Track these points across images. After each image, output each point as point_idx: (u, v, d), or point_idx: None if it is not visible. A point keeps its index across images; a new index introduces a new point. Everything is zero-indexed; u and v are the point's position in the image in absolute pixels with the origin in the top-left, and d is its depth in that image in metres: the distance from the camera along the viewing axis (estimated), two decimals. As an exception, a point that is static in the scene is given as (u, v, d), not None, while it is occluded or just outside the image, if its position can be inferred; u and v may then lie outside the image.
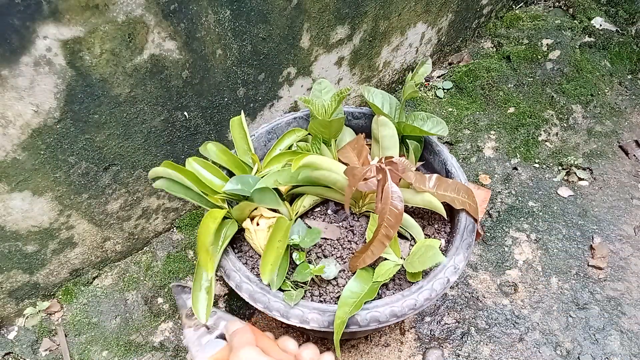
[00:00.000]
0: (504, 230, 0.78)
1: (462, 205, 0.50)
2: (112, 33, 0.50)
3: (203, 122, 0.67)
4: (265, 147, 0.61)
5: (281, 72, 0.71)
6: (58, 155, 0.54)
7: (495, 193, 0.83)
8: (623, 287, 0.71)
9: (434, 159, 0.59)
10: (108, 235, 0.68)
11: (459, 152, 0.88)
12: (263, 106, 0.73)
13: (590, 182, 0.85)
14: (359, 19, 0.75)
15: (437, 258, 0.46)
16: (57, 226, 0.61)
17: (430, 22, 0.91)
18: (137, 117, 0.59)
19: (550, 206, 0.81)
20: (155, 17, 0.52)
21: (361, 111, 0.63)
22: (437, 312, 0.68)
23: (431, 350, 0.64)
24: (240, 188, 0.50)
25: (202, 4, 0.55)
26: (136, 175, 0.65)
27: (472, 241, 0.50)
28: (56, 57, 0.47)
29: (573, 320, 0.67)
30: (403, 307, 0.44)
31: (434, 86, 0.99)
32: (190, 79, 0.60)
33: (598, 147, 0.90)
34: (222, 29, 0.59)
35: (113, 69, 0.52)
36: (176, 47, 0.56)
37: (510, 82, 0.98)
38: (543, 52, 1.01)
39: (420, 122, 0.56)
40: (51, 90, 0.49)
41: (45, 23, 0.44)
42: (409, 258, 0.49)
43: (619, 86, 1.01)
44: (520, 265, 0.73)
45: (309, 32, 0.69)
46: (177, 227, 0.77)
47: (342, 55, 0.78)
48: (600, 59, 1.02)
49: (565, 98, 0.95)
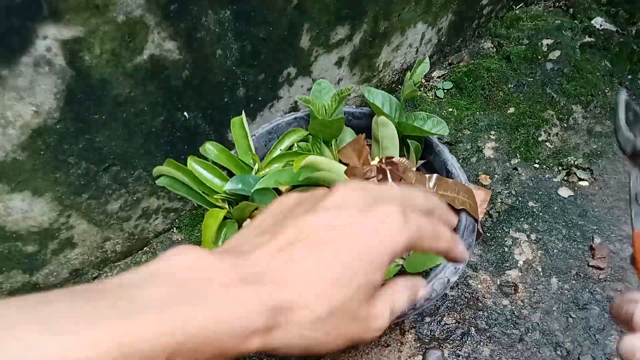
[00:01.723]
0: (504, 230, 0.78)
1: (462, 205, 0.50)
2: (112, 33, 0.50)
3: (203, 123, 0.67)
4: (265, 147, 0.61)
5: (281, 72, 0.71)
6: (58, 155, 0.54)
7: (495, 193, 0.83)
8: (623, 287, 0.71)
9: (435, 159, 0.59)
10: (108, 235, 0.68)
11: (459, 152, 0.88)
12: (263, 106, 0.73)
13: (590, 183, 0.85)
14: (359, 19, 0.75)
15: (437, 258, 0.46)
16: (57, 226, 0.61)
17: (430, 22, 0.91)
18: (137, 118, 0.59)
19: (550, 206, 0.81)
20: (156, 18, 0.52)
21: (361, 111, 0.63)
22: (437, 312, 0.68)
23: (431, 351, 0.64)
24: (241, 187, 0.50)
25: (202, 4, 0.55)
26: (136, 175, 0.65)
27: (472, 241, 0.50)
28: (56, 57, 0.47)
29: (573, 320, 0.67)
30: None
31: (434, 86, 0.99)
32: (190, 79, 0.60)
33: (598, 148, 0.90)
34: (222, 29, 0.59)
35: (113, 69, 0.52)
36: (176, 48, 0.56)
37: (511, 82, 0.98)
38: (543, 52, 1.01)
39: (421, 122, 0.56)
40: (51, 90, 0.49)
41: (45, 23, 0.44)
42: (409, 259, 0.49)
43: (619, 86, 1.01)
44: (521, 265, 0.73)
45: (309, 33, 0.69)
46: (177, 227, 0.77)
47: (342, 56, 0.78)
48: (600, 59, 1.02)
49: (565, 98, 0.95)
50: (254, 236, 0.26)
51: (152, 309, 0.19)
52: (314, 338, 0.23)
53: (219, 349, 0.20)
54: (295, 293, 0.23)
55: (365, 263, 0.24)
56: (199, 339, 0.19)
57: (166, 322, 0.19)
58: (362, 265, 0.24)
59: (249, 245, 0.24)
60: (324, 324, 0.23)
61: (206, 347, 0.20)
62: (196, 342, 0.19)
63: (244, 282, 0.22)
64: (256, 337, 0.21)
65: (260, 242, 0.24)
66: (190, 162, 0.52)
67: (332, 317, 0.24)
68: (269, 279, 0.22)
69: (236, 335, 0.21)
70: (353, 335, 0.25)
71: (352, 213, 0.25)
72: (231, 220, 0.52)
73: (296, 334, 0.23)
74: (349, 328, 0.25)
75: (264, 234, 0.25)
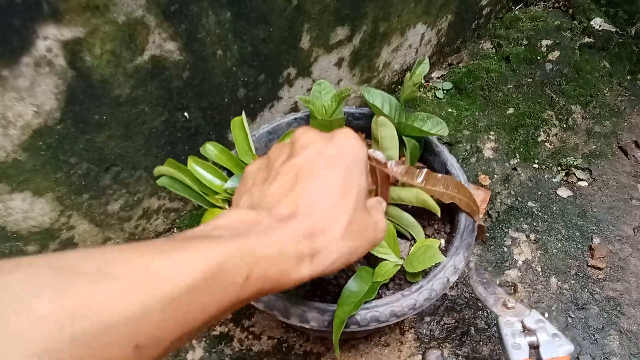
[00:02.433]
0: (503, 230, 0.78)
1: (452, 199, 0.50)
2: (113, 34, 0.50)
3: (203, 123, 0.67)
4: (266, 148, 0.61)
5: (281, 72, 0.71)
6: (59, 155, 0.55)
7: (495, 193, 0.83)
8: (622, 287, 0.71)
9: (434, 160, 0.59)
10: (109, 235, 0.68)
11: (458, 152, 0.89)
12: (263, 107, 0.74)
13: (589, 183, 0.85)
14: (358, 20, 0.75)
15: (437, 258, 0.46)
16: (58, 227, 0.61)
17: (429, 23, 0.91)
18: (137, 118, 0.59)
19: (549, 206, 0.81)
20: (156, 18, 0.52)
21: (361, 111, 0.63)
22: (436, 312, 0.68)
23: (431, 350, 0.64)
24: (240, 188, 0.50)
25: (202, 5, 0.55)
26: (137, 175, 0.65)
27: (472, 241, 0.50)
28: (57, 57, 0.47)
29: (572, 320, 0.67)
30: (403, 307, 0.44)
31: (433, 87, 0.99)
32: (190, 79, 0.61)
33: (597, 148, 0.90)
34: (223, 30, 0.59)
35: (114, 69, 0.52)
36: (177, 48, 0.56)
37: (510, 82, 0.98)
38: (542, 53, 1.01)
39: (420, 123, 0.56)
40: (52, 91, 0.49)
41: (45, 24, 0.45)
42: (408, 258, 0.49)
43: (618, 87, 1.01)
44: (520, 265, 0.73)
45: (309, 33, 0.70)
46: (177, 227, 0.77)
47: (342, 56, 0.79)
48: (599, 60, 1.02)
49: (564, 99, 0.96)
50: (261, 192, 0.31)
51: (229, 239, 0.24)
52: (347, 247, 0.29)
53: (281, 272, 0.26)
54: (321, 217, 0.28)
55: (353, 173, 0.31)
56: (267, 260, 0.25)
57: (242, 246, 0.24)
58: (353, 175, 0.31)
59: (266, 197, 0.30)
60: (350, 231, 0.29)
61: (273, 270, 0.25)
62: (265, 264, 0.24)
63: (281, 221, 0.27)
64: (306, 262, 0.27)
65: (272, 192, 0.30)
66: (190, 162, 0.53)
67: (352, 225, 0.29)
68: (297, 214, 0.28)
69: (291, 258, 0.26)
70: (369, 237, 0.31)
71: (323, 144, 0.31)
72: (231, 220, 0.52)
73: (333, 249, 0.28)
74: (366, 232, 0.31)
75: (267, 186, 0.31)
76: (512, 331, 0.49)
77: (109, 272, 0.19)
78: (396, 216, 0.53)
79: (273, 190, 0.30)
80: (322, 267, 0.28)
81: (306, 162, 0.30)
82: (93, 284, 0.18)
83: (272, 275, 0.25)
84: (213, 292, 0.22)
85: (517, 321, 0.50)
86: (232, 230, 0.25)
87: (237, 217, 0.27)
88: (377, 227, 0.32)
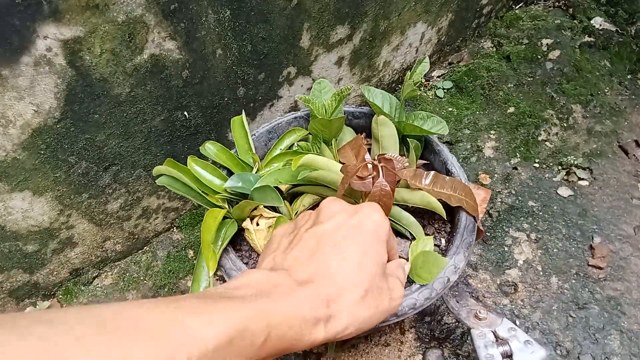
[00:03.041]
0: (503, 230, 0.78)
1: (459, 202, 0.50)
2: (112, 33, 0.50)
3: (203, 122, 0.67)
4: (265, 147, 0.61)
5: (281, 71, 0.71)
6: (58, 155, 0.54)
7: (495, 193, 0.83)
8: (623, 286, 0.71)
9: (435, 159, 0.59)
10: (108, 234, 0.68)
11: (459, 151, 0.88)
12: (263, 106, 0.74)
13: (590, 182, 0.85)
14: (359, 19, 0.75)
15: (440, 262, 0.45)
16: (57, 226, 0.61)
17: (430, 22, 0.91)
18: (137, 117, 0.59)
19: (550, 206, 0.81)
20: (156, 17, 0.52)
21: (361, 111, 0.63)
22: (437, 311, 0.68)
23: (431, 350, 0.64)
24: (241, 185, 0.50)
25: (202, 4, 0.55)
26: (136, 174, 0.65)
27: (472, 241, 0.50)
28: (56, 57, 0.47)
29: (573, 320, 0.67)
30: (403, 306, 0.44)
31: (434, 86, 0.99)
32: (190, 78, 0.60)
33: (598, 147, 0.90)
34: (222, 29, 0.59)
35: (113, 68, 0.52)
36: (176, 47, 0.56)
37: (510, 81, 0.98)
38: (543, 52, 1.01)
39: (421, 122, 0.56)
40: (51, 90, 0.49)
41: (45, 23, 0.44)
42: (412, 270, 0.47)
43: (618, 86, 1.01)
44: (520, 264, 0.73)
45: (309, 32, 0.69)
46: (177, 226, 0.77)
47: (342, 55, 0.78)
48: (600, 59, 1.02)
49: (565, 98, 0.95)
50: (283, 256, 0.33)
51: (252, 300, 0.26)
52: (361, 315, 0.30)
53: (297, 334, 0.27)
54: (338, 284, 0.30)
55: (372, 246, 0.32)
56: (287, 322, 0.26)
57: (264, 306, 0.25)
58: (371, 247, 0.32)
59: (287, 261, 0.32)
60: (365, 300, 0.30)
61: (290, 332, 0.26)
62: (284, 327, 0.26)
63: (300, 285, 0.29)
64: (321, 326, 0.28)
65: (294, 257, 0.32)
66: (190, 161, 0.53)
67: (368, 294, 0.31)
68: (315, 279, 0.30)
69: (308, 321, 0.27)
70: (384, 307, 0.32)
71: (345, 216, 0.34)
72: (231, 219, 0.52)
73: (348, 315, 0.29)
74: (381, 301, 0.32)
75: (290, 250, 0.33)
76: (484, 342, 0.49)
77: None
78: (396, 215, 0.53)
79: (295, 254, 0.32)
80: (334, 332, 0.29)
81: (328, 231, 0.32)
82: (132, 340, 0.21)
83: (289, 336, 0.26)
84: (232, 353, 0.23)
85: (489, 332, 0.50)
86: (254, 289, 0.27)
87: (259, 277, 0.29)
88: (393, 296, 0.33)
